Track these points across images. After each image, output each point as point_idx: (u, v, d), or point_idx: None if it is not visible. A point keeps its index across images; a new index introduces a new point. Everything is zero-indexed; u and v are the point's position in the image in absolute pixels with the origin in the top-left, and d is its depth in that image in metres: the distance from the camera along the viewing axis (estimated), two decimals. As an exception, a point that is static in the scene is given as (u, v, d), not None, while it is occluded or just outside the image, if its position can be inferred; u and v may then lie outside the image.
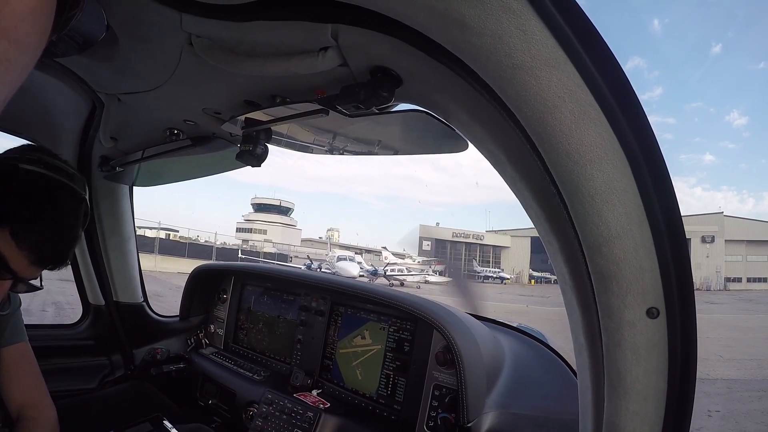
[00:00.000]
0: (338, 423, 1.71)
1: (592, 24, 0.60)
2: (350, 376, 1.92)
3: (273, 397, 1.87)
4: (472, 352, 1.52)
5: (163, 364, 2.26)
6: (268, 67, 0.97)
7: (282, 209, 76.23)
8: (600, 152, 0.63)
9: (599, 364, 0.77)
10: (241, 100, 1.24)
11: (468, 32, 0.61)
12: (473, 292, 7.50)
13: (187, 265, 20.30)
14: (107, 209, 2.20)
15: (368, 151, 1.53)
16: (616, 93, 0.61)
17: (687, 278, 0.69)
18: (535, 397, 1.59)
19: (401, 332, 1.80)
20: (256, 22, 0.86)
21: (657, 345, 0.70)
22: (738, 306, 35.18)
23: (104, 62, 1.18)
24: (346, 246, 74.27)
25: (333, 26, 0.82)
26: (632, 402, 0.74)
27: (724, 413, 7.56)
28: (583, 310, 0.79)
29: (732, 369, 10.95)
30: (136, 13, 0.93)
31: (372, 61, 0.90)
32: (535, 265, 69.25)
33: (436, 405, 1.61)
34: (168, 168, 2.16)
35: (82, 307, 2.37)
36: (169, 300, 7.49)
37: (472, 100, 0.77)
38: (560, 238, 0.78)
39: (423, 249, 69.51)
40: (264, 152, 1.36)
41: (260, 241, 66.01)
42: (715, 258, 68.85)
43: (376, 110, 1.00)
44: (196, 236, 52.87)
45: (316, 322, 2.08)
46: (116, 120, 1.59)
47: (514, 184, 0.85)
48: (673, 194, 0.66)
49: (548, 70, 0.60)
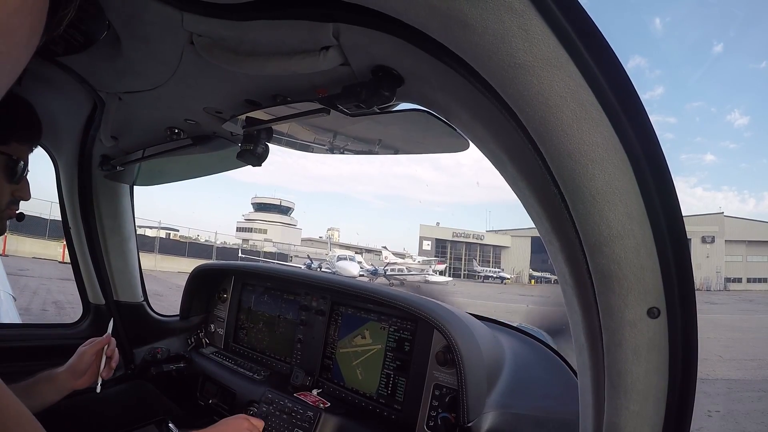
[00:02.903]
0: (338, 422, 1.71)
1: (594, 23, 0.60)
2: (350, 376, 1.92)
3: (273, 396, 1.87)
4: (473, 351, 1.52)
5: (164, 364, 2.26)
6: (269, 66, 0.97)
7: (282, 209, 76.24)
8: (601, 152, 0.63)
9: (600, 364, 0.77)
10: (242, 99, 1.24)
11: (470, 31, 0.61)
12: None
13: (187, 264, 20.34)
14: (108, 208, 2.20)
15: (369, 151, 1.53)
16: (617, 93, 0.61)
17: (688, 278, 0.69)
18: (535, 397, 1.59)
19: (401, 332, 1.80)
20: (258, 21, 0.86)
21: (658, 345, 0.70)
22: (738, 306, 35.18)
23: (105, 61, 1.18)
24: (346, 245, 74.33)
25: (334, 25, 0.82)
26: (633, 402, 0.73)
27: (724, 413, 7.56)
28: (583, 309, 0.79)
29: (732, 369, 10.96)
30: (137, 12, 0.93)
31: (373, 61, 0.90)
32: (535, 265, 69.30)
33: (437, 405, 1.61)
34: (169, 167, 2.16)
35: (83, 307, 2.37)
36: (170, 299, 7.50)
37: (474, 100, 0.77)
38: (561, 237, 0.78)
39: (423, 249, 69.57)
40: (265, 151, 1.36)
41: (260, 241, 66.07)
42: (715, 258, 68.89)
43: (378, 110, 1.00)
44: (196, 236, 52.91)
45: (316, 321, 2.08)
46: (117, 119, 1.59)
47: (515, 183, 0.85)
48: (674, 194, 0.66)
49: (550, 70, 0.60)
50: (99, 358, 1.60)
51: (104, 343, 1.62)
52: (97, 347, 1.60)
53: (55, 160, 2.08)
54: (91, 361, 1.59)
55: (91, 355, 1.59)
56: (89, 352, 1.59)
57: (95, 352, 1.60)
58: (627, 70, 0.62)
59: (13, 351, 2.04)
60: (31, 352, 2.07)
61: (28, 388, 1.48)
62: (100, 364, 1.59)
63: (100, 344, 1.61)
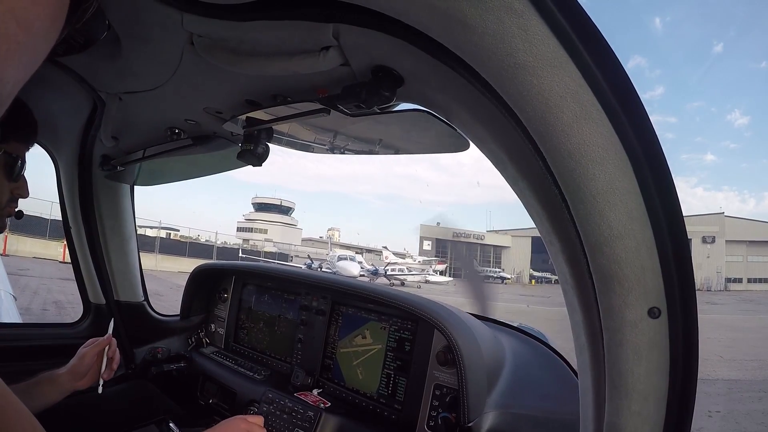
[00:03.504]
0: (339, 422, 1.71)
1: (594, 23, 0.59)
2: (351, 376, 1.92)
3: (274, 396, 1.87)
4: (473, 351, 1.52)
5: (164, 364, 2.26)
6: (269, 66, 0.97)
7: (283, 209, 76.32)
8: (602, 152, 0.63)
9: (600, 364, 0.77)
10: (242, 99, 1.24)
11: (469, 32, 0.61)
12: (488, 297, 7.18)
13: (187, 264, 20.36)
14: (108, 208, 2.20)
15: (369, 151, 1.53)
16: (617, 92, 0.61)
17: (688, 278, 0.69)
18: (535, 397, 1.59)
19: (402, 332, 1.80)
20: (258, 22, 0.86)
21: (658, 345, 0.70)
22: (738, 306, 35.17)
23: (106, 61, 1.18)
24: (346, 245, 74.41)
25: (334, 26, 0.82)
26: (633, 402, 0.73)
27: (724, 413, 7.55)
28: (584, 309, 0.79)
29: (732, 369, 10.95)
30: (137, 12, 0.93)
31: (373, 61, 0.90)
32: (535, 265, 69.31)
33: (437, 404, 1.61)
34: (169, 167, 2.16)
35: (83, 306, 2.37)
36: (170, 299, 7.50)
37: (474, 100, 0.77)
38: (562, 237, 0.78)
39: (423, 249, 69.58)
40: (265, 151, 1.36)
41: (261, 241, 66.13)
42: (715, 258, 68.87)
43: (378, 110, 1.00)
44: (196, 236, 52.89)
45: (316, 321, 2.08)
46: (117, 119, 1.59)
47: (515, 183, 0.85)
48: (674, 194, 0.66)
49: (550, 70, 0.60)
50: (100, 359, 1.60)
51: (105, 344, 1.62)
52: (98, 348, 1.60)
53: (55, 160, 2.08)
54: (92, 363, 1.59)
55: (92, 356, 1.59)
56: (90, 353, 1.59)
57: (96, 353, 1.60)
58: (627, 70, 0.62)
59: (14, 351, 2.04)
60: (31, 351, 2.07)
61: (28, 388, 1.48)
62: (101, 365, 1.60)
63: (100, 345, 1.61)
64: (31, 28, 0.36)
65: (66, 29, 0.44)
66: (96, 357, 1.60)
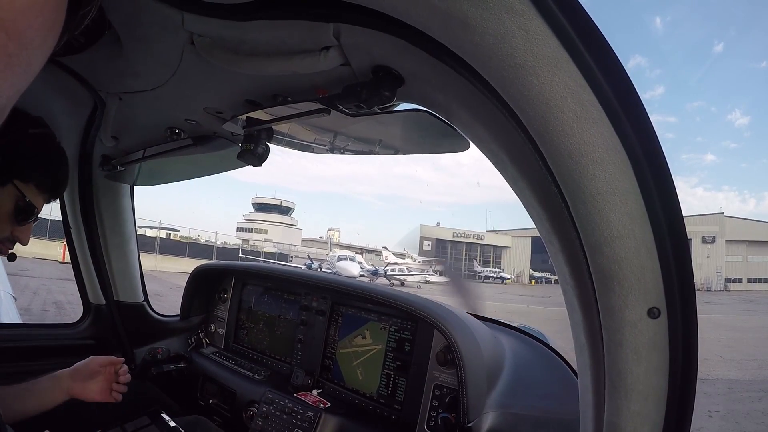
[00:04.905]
0: (339, 423, 1.71)
1: (594, 23, 0.59)
2: (351, 376, 1.92)
3: (273, 396, 1.87)
4: (473, 352, 1.52)
5: (164, 364, 2.26)
6: (269, 66, 0.97)
7: (283, 209, 76.31)
8: (602, 152, 0.63)
9: (600, 364, 0.77)
10: (242, 99, 1.23)
11: (470, 32, 0.61)
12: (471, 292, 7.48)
13: (187, 264, 20.32)
14: (108, 208, 2.20)
15: (369, 151, 1.53)
16: (618, 93, 0.61)
17: (688, 278, 0.68)
18: (535, 397, 1.59)
19: (402, 332, 1.80)
20: (258, 22, 0.86)
21: (658, 345, 0.70)
22: (738, 306, 35.18)
23: (105, 61, 1.18)
24: (346, 246, 74.44)
25: (335, 26, 0.82)
26: (633, 402, 0.73)
27: (724, 413, 7.56)
28: (584, 309, 0.79)
29: (732, 369, 10.96)
30: (137, 12, 0.93)
31: (374, 61, 0.90)
32: (535, 265, 69.32)
33: (437, 405, 1.61)
34: (169, 167, 2.16)
35: (83, 307, 2.37)
36: (170, 299, 7.50)
37: (474, 100, 0.77)
38: (561, 237, 0.78)
39: (423, 249, 69.57)
40: (265, 151, 1.36)
41: (261, 241, 66.19)
42: (715, 258, 68.89)
43: (378, 110, 1.00)
44: (196, 236, 52.99)
45: (316, 321, 2.08)
46: (117, 119, 1.59)
47: (515, 183, 0.85)
48: (674, 194, 0.66)
49: (550, 70, 0.60)
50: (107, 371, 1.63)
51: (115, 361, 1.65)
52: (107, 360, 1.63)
53: (55, 160, 2.08)
54: (97, 369, 1.60)
55: (99, 363, 1.60)
56: (98, 360, 1.61)
57: (103, 363, 1.62)
58: (627, 70, 0.62)
59: (14, 351, 2.04)
60: (31, 352, 2.07)
61: (29, 388, 1.48)
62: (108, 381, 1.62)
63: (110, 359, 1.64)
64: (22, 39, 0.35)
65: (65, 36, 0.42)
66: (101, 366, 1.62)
